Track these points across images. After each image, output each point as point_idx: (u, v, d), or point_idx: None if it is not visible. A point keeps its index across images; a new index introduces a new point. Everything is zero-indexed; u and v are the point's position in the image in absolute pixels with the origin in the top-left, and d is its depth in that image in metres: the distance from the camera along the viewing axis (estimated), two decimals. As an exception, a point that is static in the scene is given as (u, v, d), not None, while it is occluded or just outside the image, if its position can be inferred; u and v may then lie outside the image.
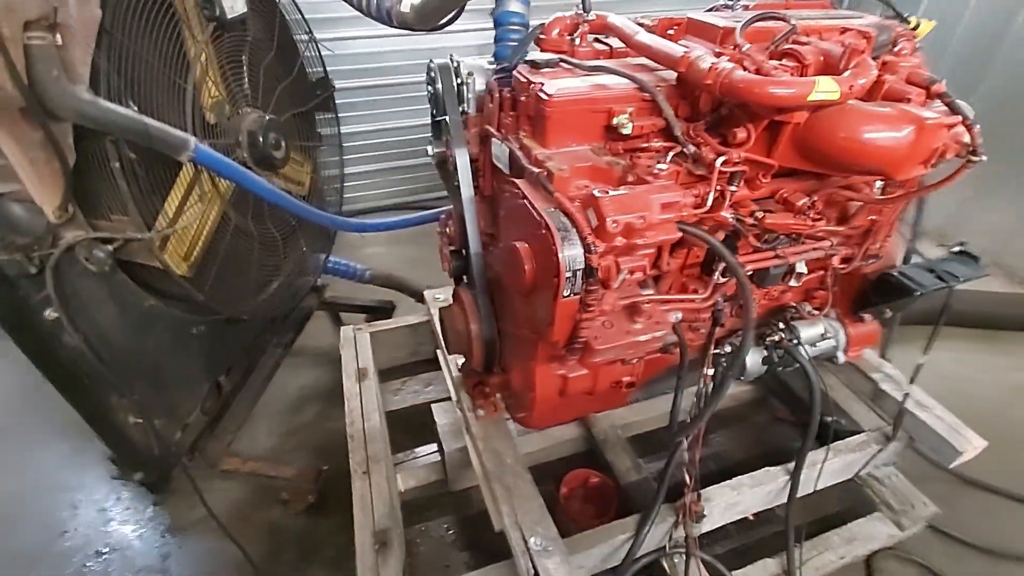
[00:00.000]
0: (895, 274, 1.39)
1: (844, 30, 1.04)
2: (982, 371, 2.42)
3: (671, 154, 1.01)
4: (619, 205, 0.88)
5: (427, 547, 1.69)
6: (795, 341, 1.44)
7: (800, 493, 1.55)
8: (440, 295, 2.04)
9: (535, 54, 1.16)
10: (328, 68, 1.86)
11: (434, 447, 1.88)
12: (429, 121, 1.41)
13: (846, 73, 0.91)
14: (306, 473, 1.70)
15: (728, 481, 1.53)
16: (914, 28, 1.28)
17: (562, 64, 1.11)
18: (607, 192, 0.89)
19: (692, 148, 1.03)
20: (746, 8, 1.32)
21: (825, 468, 1.57)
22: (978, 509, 1.86)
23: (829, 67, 0.94)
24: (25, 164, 0.90)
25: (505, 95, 1.16)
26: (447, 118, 1.37)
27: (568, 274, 0.89)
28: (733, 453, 2.07)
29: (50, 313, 1.00)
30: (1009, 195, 2.94)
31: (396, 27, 1.62)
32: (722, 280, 1.13)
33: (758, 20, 1.02)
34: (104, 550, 1.73)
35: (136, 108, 0.96)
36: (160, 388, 1.29)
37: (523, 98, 1.07)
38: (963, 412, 1.63)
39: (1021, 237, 2.95)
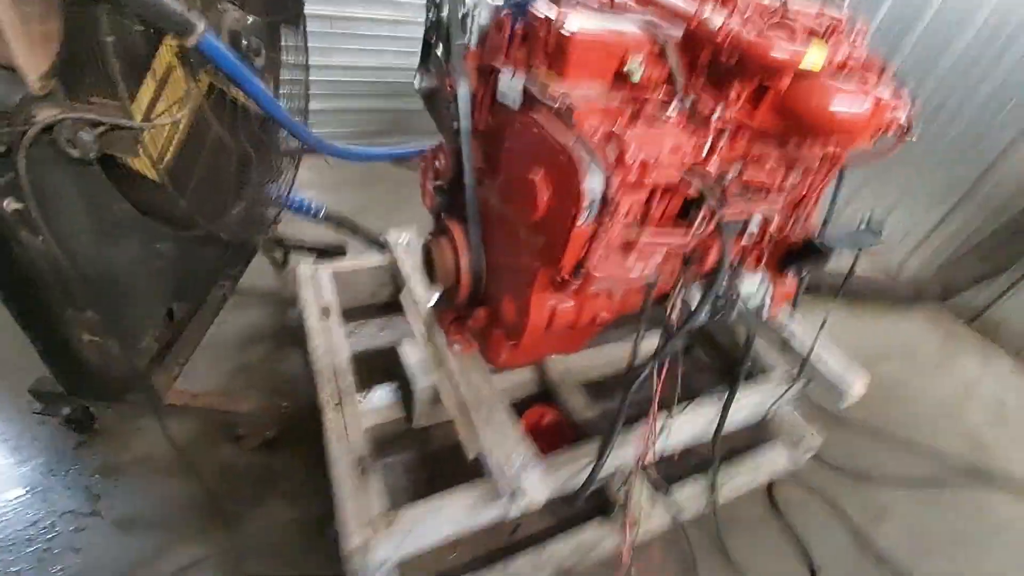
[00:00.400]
0: (815, 241, 1.64)
1: (821, 13, 1.19)
2: (848, 333, 2.88)
3: (674, 103, 1.11)
4: (641, 142, 0.97)
5: (393, 478, 1.73)
6: (736, 295, 1.65)
7: (728, 425, 1.80)
8: (403, 238, 2.03)
9: None
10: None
11: (389, 387, 1.90)
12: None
13: (827, 48, 1.06)
14: (265, 408, 1.65)
15: (679, 406, 1.73)
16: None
17: (580, 5, 1.16)
18: (628, 129, 0.97)
19: (690, 99, 1.14)
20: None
21: (744, 404, 1.84)
22: (843, 438, 2.26)
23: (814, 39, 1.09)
24: (15, 19, 0.76)
25: (518, 30, 1.18)
26: (439, 49, 1.36)
27: (588, 201, 0.96)
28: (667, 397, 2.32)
29: (10, 203, 0.86)
30: (886, 186, 3.49)
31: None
32: (698, 228, 1.27)
33: (755, -8, 1.14)
34: (21, 493, 1.56)
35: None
36: (119, 306, 1.17)
37: (541, 33, 1.11)
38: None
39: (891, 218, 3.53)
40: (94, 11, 0.85)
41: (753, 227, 1.43)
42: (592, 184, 0.95)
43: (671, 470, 2.00)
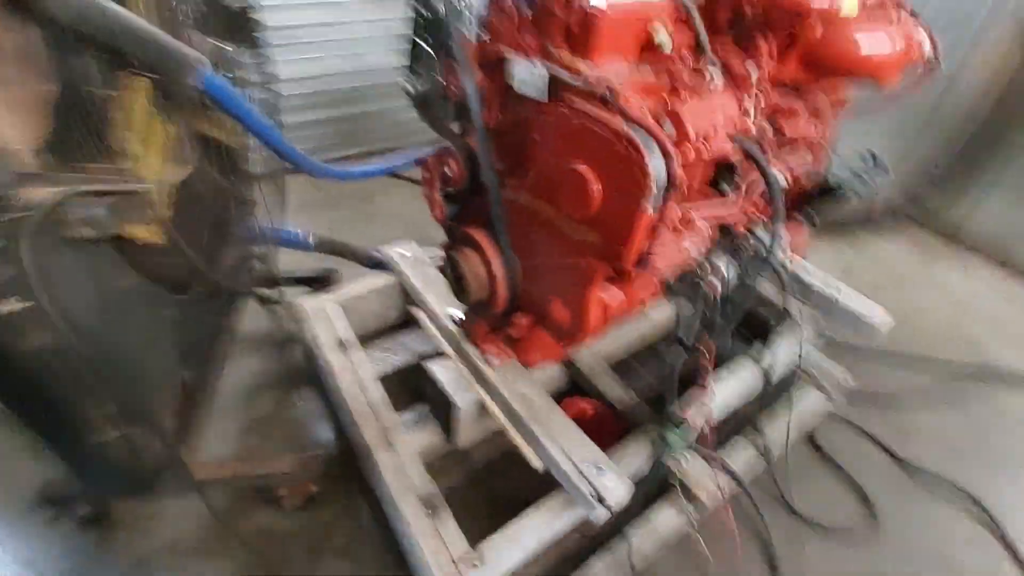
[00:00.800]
0: (835, 183, 1.63)
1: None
2: (831, 263, 2.97)
3: (711, 70, 1.05)
4: (697, 114, 0.90)
5: (454, 508, 1.65)
6: (766, 253, 1.63)
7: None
8: (406, 252, 1.92)
9: None
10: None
11: (417, 414, 1.80)
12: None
13: (856, -11, 1.02)
14: (303, 463, 1.52)
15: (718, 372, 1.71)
16: None
17: (593, -23, 1.07)
18: (680, 104, 0.91)
19: (719, 62, 1.08)
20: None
21: (778, 356, 1.85)
22: (864, 370, 2.32)
23: (838, -16, 1.05)
24: None
25: (526, 15, 1.09)
26: (434, 47, 1.26)
27: (655, 188, 0.90)
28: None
29: (12, 304, 0.70)
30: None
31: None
32: (741, 192, 1.23)
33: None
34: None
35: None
36: (138, 390, 1.02)
37: (559, 13, 1.02)
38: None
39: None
40: (84, 63, 0.70)
41: (785, 180, 1.41)
42: (656, 166, 0.88)
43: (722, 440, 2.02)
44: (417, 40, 1.28)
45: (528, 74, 1.09)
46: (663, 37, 1.01)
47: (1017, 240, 3.09)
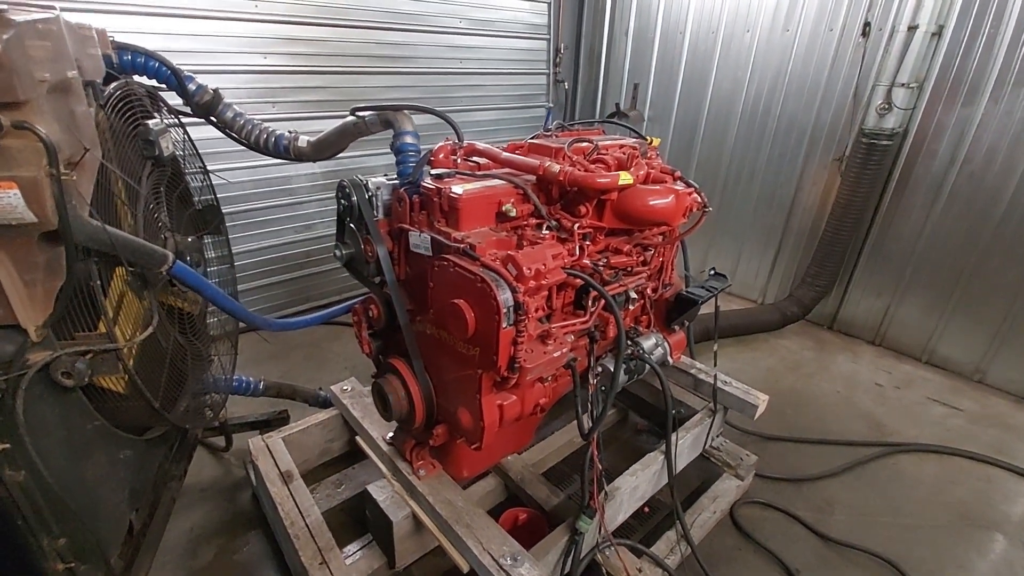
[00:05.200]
0: (684, 293, 2.07)
1: (621, 146, 1.70)
2: (745, 363, 3.39)
3: (545, 226, 1.49)
4: (530, 258, 1.30)
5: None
6: (642, 351, 1.98)
7: (675, 469, 2.03)
8: (346, 386, 2.17)
9: (434, 170, 1.56)
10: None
11: (362, 542, 1.90)
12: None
13: (632, 169, 1.53)
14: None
15: (627, 471, 1.94)
16: (651, 142, 2.07)
17: (457, 175, 1.55)
18: (519, 251, 1.31)
19: (554, 222, 1.54)
20: (557, 135, 1.98)
21: (682, 445, 2.10)
22: (776, 454, 2.58)
23: (622, 166, 1.56)
24: (19, 287, 0.90)
25: (415, 200, 1.54)
26: (354, 224, 1.68)
27: (505, 310, 1.25)
28: (617, 465, 2.50)
29: None
30: (728, 243, 4.30)
31: (293, 159, 1.91)
32: (592, 308, 1.61)
33: (575, 143, 1.62)
34: None
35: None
36: (90, 527, 1.16)
37: (435, 199, 1.46)
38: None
39: (741, 271, 4.29)
40: (87, 264, 1.03)
41: (633, 294, 1.82)
42: (504, 296, 1.25)
43: (648, 526, 2.16)
44: (342, 219, 1.71)
45: (419, 240, 1.50)
46: (508, 207, 1.46)
47: (879, 320, 3.63)
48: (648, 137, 2.28)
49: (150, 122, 1.31)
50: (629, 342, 1.95)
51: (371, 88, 3.71)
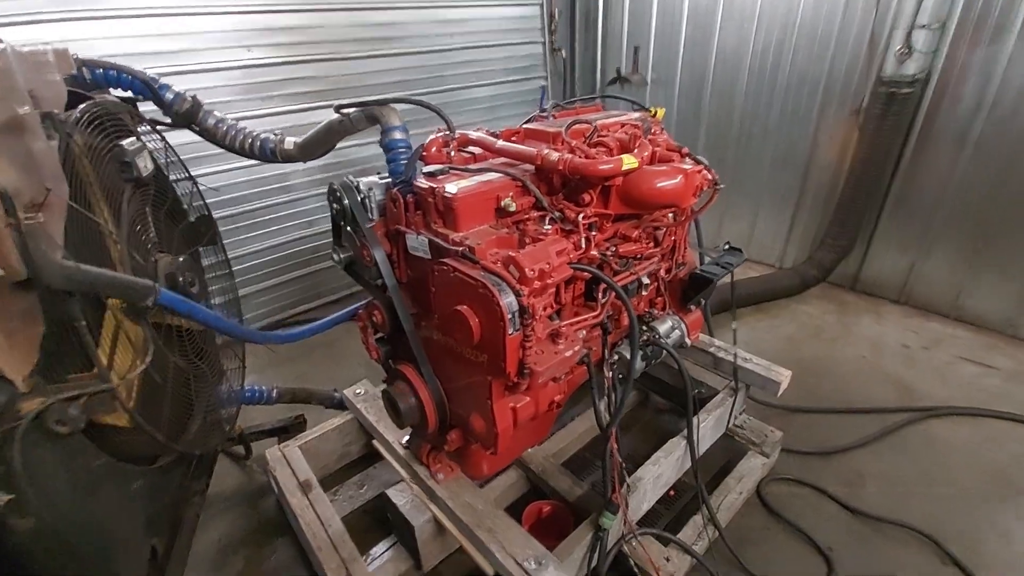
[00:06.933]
0: (698, 272, 1.98)
1: (623, 124, 1.59)
2: (764, 332, 3.29)
3: (546, 219, 1.41)
4: (532, 258, 1.23)
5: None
6: (657, 336, 1.91)
7: (698, 452, 1.98)
8: (359, 390, 2.14)
9: (427, 167, 1.48)
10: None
11: (387, 541, 1.90)
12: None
13: (635, 150, 1.42)
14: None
15: (648, 460, 1.89)
16: (654, 115, 1.95)
17: (452, 171, 1.46)
18: (520, 251, 1.24)
19: (557, 213, 1.45)
20: (555, 116, 1.87)
21: (704, 427, 2.04)
22: (802, 426, 2.52)
23: (624, 147, 1.46)
24: (2, 339, 0.87)
25: (409, 200, 1.46)
26: (349, 227, 1.61)
27: (509, 315, 1.19)
28: (639, 449, 2.47)
29: (1, 498, 0.90)
30: (743, 207, 4.15)
31: (280, 162, 1.84)
32: (603, 299, 1.53)
33: (573, 125, 1.52)
34: None
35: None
36: (106, 564, 1.16)
37: (430, 199, 1.38)
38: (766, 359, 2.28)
39: (757, 236, 4.15)
40: (69, 304, 0.99)
41: (646, 281, 1.74)
42: (507, 301, 1.18)
43: (675, 510, 2.13)
44: (337, 222, 1.64)
45: (416, 242, 1.43)
46: (507, 202, 1.37)
47: (904, 278, 3.49)
48: (652, 108, 2.15)
49: (124, 142, 1.25)
50: (644, 327, 1.88)
51: (364, 73, 3.58)
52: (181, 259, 1.41)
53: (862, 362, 2.98)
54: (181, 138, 1.91)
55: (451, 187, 1.34)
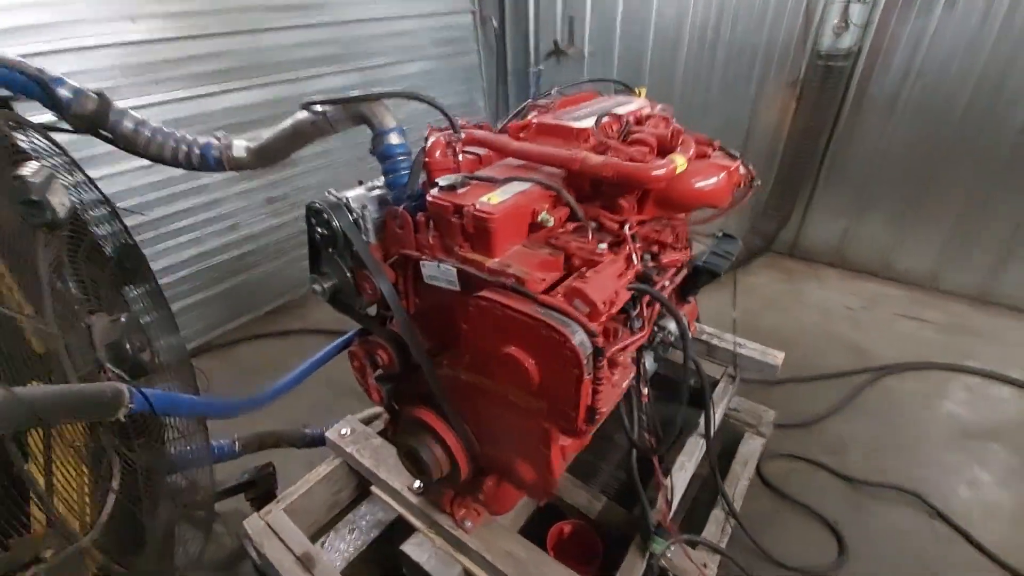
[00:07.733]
0: (701, 264, 1.90)
1: (649, 116, 1.43)
2: (721, 307, 3.36)
3: (589, 231, 1.21)
4: (600, 288, 1.04)
5: None
6: (670, 335, 1.82)
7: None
8: (345, 430, 1.85)
9: (440, 180, 1.21)
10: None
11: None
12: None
13: (679, 148, 1.27)
14: None
15: (675, 465, 1.83)
16: (639, 95, 1.81)
17: (474, 182, 1.21)
18: (582, 279, 1.05)
19: (594, 224, 1.26)
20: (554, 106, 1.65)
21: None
22: (781, 399, 2.61)
23: (664, 144, 1.29)
24: None
25: (420, 219, 1.20)
26: (334, 252, 1.32)
27: (585, 359, 1.00)
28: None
29: None
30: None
31: (226, 171, 1.46)
32: (647, 314, 1.39)
33: (601, 119, 1.32)
34: None
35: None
36: None
37: (453, 219, 1.13)
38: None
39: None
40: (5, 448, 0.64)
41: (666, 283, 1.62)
42: (582, 341, 0.99)
43: (687, 504, 2.11)
44: (317, 248, 1.33)
45: (438, 271, 1.19)
46: (546, 217, 1.16)
47: (839, 242, 3.75)
48: (637, 89, 2.01)
49: (25, 171, 0.86)
50: (656, 328, 1.78)
51: (280, 48, 3.07)
52: (123, 318, 1.04)
53: (816, 329, 3.16)
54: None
55: (483, 204, 1.10)
